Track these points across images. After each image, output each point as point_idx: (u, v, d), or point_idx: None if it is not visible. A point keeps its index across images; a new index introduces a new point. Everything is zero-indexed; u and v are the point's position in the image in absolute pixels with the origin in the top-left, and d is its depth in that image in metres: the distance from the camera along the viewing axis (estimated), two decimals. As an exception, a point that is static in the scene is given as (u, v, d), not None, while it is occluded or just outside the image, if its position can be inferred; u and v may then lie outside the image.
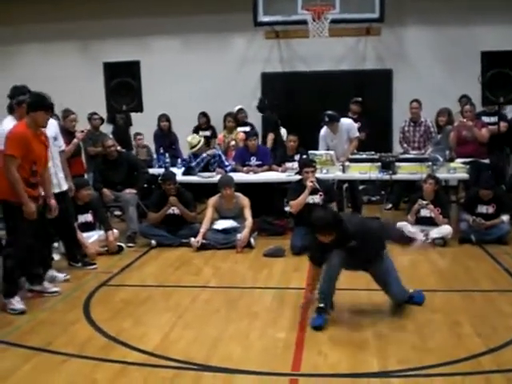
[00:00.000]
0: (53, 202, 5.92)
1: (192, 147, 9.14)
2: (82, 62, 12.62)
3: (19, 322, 5.21)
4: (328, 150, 8.96)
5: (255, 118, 11.60)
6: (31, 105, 5.56)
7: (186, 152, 10.40)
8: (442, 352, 4.37)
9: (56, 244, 7.19)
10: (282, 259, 7.23)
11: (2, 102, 6.37)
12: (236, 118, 10.93)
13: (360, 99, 10.66)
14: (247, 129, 10.54)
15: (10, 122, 5.92)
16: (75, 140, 8.15)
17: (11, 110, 6.11)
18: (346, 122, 9.24)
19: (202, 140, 9.36)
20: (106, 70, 9.72)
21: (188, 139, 9.32)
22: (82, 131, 8.32)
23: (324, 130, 9.15)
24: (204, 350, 4.53)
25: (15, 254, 5.53)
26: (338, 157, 8.80)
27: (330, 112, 9.01)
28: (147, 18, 12.22)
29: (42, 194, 5.78)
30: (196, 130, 11.48)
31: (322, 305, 4.93)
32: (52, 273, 6.47)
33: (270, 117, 10.71)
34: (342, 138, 9.14)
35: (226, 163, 9.15)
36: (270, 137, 10.45)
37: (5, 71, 12.35)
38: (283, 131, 10.83)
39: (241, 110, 11.15)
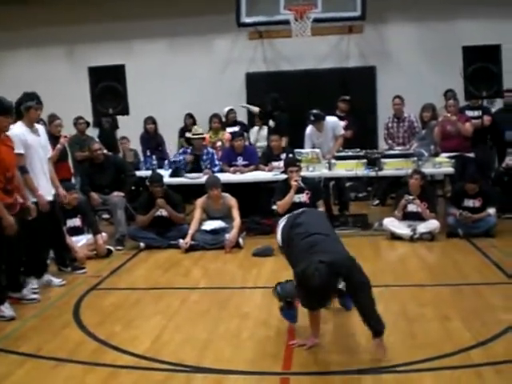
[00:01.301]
0: (29, 203, 5.90)
1: (195, 134, 9.27)
2: (68, 67, 12.60)
3: (10, 329, 5.20)
4: (314, 148, 8.99)
5: (243, 118, 11.71)
6: None
7: (173, 152, 10.50)
8: (432, 346, 4.40)
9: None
10: (271, 258, 7.24)
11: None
12: (227, 118, 10.96)
13: (348, 97, 10.65)
14: (236, 129, 10.55)
15: (19, 128, 6.05)
16: (58, 145, 8.13)
17: (19, 116, 6.12)
18: (331, 120, 9.25)
19: (205, 135, 9.58)
20: (91, 75, 9.74)
21: (194, 127, 9.59)
22: (65, 137, 8.31)
23: (309, 129, 9.17)
24: (195, 352, 4.55)
25: None
26: (323, 155, 8.82)
27: (315, 111, 9.03)
28: (131, 21, 12.20)
29: (20, 200, 5.73)
30: (182, 132, 11.48)
31: (289, 299, 4.84)
32: (48, 277, 6.50)
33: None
34: (327, 136, 9.16)
35: (216, 162, 9.18)
36: (285, 139, 10.00)
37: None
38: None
39: (231, 110, 11.17)
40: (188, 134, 9.80)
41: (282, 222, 4.87)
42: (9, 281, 5.81)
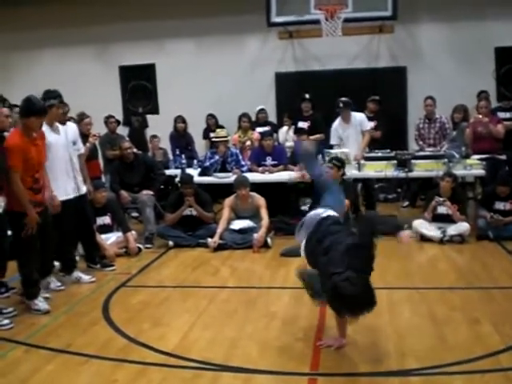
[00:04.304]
0: (53, 195, 5.94)
1: (217, 136, 9.25)
2: (99, 66, 12.71)
3: (40, 325, 5.27)
4: (341, 141, 8.99)
5: (273, 118, 11.71)
6: (22, 111, 5.44)
7: (201, 152, 10.53)
8: (461, 350, 4.37)
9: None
10: (298, 258, 7.14)
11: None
12: (257, 118, 10.98)
13: (378, 98, 10.59)
14: (266, 128, 10.56)
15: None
16: (88, 144, 8.17)
17: None
18: (358, 114, 9.23)
19: (228, 138, 9.56)
20: (121, 73, 9.84)
21: (217, 131, 9.50)
22: (95, 135, 8.36)
23: (336, 123, 9.15)
24: (223, 350, 4.56)
25: (28, 261, 5.58)
26: (349, 148, 8.78)
27: (344, 98, 9.02)
28: (162, 20, 12.26)
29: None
30: (206, 133, 11.49)
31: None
32: (77, 274, 6.57)
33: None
34: (353, 129, 9.10)
35: (242, 162, 9.18)
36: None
37: (23, 75, 12.51)
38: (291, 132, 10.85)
39: (262, 110, 11.19)
40: (212, 134, 9.78)
41: (308, 220, 4.89)
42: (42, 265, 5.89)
